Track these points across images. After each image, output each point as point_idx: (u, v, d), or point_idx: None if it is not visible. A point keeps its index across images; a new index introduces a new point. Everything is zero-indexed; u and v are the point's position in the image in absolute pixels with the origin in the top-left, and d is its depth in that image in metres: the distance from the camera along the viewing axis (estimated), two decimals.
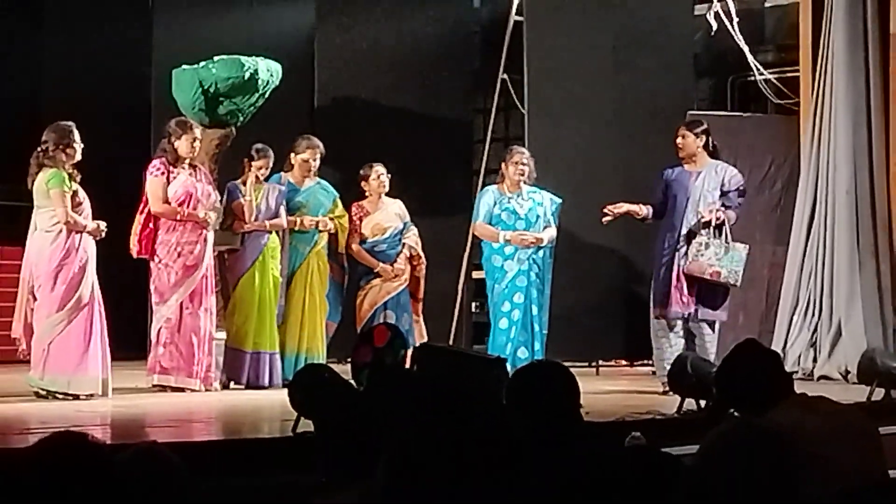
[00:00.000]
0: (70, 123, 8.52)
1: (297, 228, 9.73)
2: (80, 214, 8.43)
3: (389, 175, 10.12)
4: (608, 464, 3.06)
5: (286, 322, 9.71)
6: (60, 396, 8.24)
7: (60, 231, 8.35)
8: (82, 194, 8.51)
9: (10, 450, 5.50)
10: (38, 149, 8.44)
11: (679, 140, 9.51)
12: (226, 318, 9.39)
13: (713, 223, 9.33)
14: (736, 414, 4.31)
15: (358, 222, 10.08)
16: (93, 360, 8.33)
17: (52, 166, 8.37)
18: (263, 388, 9.29)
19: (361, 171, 10.12)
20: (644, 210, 9.51)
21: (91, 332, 8.35)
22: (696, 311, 9.35)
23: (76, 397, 8.23)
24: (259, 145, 9.60)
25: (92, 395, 8.27)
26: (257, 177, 9.55)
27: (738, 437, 2.69)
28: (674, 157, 9.61)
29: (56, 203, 8.33)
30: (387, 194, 10.19)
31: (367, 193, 10.15)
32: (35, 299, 8.38)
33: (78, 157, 8.47)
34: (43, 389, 8.29)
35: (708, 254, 9.31)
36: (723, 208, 9.43)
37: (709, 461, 2.68)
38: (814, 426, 3.81)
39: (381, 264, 10.05)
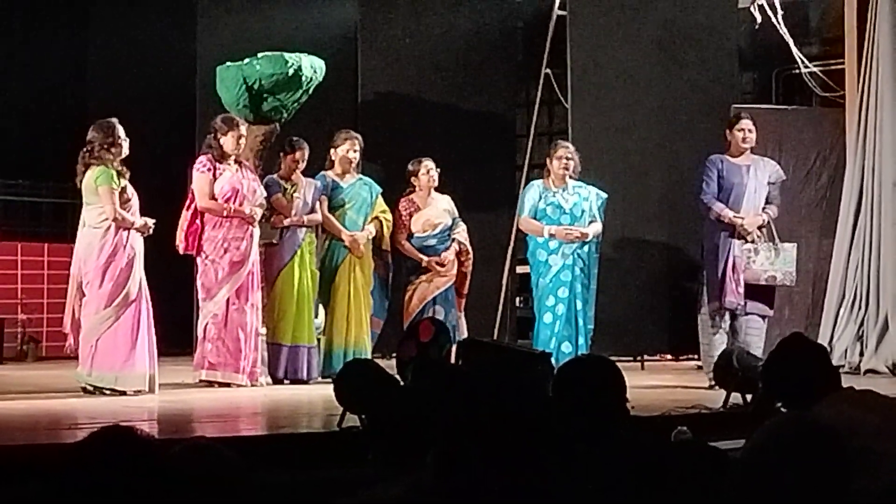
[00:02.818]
0: (113, 120, 8.55)
1: (348, 243, 9.74)
2: (128, 211, 8.47)
3: (426, 171, 10.10)
4: (655, 458, 3.06)
5: (332, 317, 9.73)
6: (108, 392, 8.28)
7: (109, 228, 8.39)
8: (130, 191, 8.54)
9: (60, 445, 5.55)
10: (84, 149, 8.48)
11: (748, 133, 9.48)
12: (265, 313, 9.41)
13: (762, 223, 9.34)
14: (783, 409, 4.29)
15: (407, 218, 10.05)
16: (140, 356, 8.37)
17: (99, 164, 8.41)
18: (302, 381, 9.33)
19: (410, 167, 10.09)
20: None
21: (138, 329, 8.39)
22: (746, 304, 9.32)
23: (123, 393, 8.27)
24: (293, 138, 9.64)
25: (139, 392, 8.31)
26: (294, 171, 9.59)
27: (791, 432, 2.67)
28: (717, 150, 9.58)
29: (104, 200, 8.38)
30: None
31: (416, 188, 10.12)
32: (83, 295, 8.44)
33: (125, 152, 8.49)
34: (90, 385, 8.34)
35: (759, 259, 9.29)
36: (765, 206, 9.42)
37: (759, 454, 2.67)
38: (862, 420, 3.78)
39: (428, 259, 10.02)
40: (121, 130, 8.49)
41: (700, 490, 2.95)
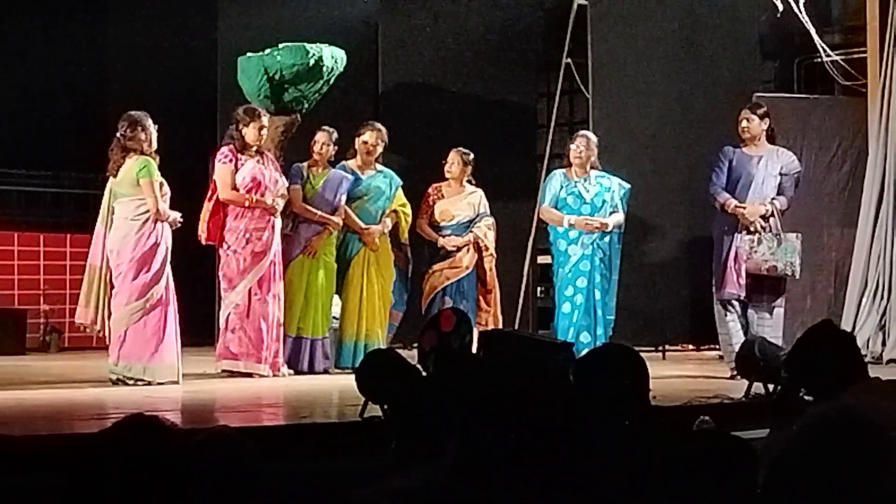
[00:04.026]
0: (143, 112, 8.55)
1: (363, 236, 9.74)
2: (165, 204, 8.47)
3: (453, 162, 10.07)
4: (679, 447, 3.05)
5: (345, 309, 9.72)
6: (131, 383, 8.28)
7: (146, 220, 8.38)
8: (166, 185, 8.54)
9: (83, 435, 5.55)
10: (119, 133, 8.46)
11: (744, 123, 9.45)
12: None
13: (766, 214, 9.29)
14: (807, 397, 4.27)
15: (431, 203, 10.09)
16: (168, 347, 8.38)
17: (136, 149, 8.39)
18: (302, 373, 9.30)
19: None
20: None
21: (167, 321, 8.40)
22: (751, 296, 9.27)
23: (149, 384, 8.27)
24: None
25: (165, 383, 8.31)
26: (318, 160, 9.57)
27: (838, 426, 2.64)
28: (736, 140, 9.55)
29: (147, 193, 8.36)
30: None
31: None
32: (112, 287, 8.42)
33: (154, 144, 8.49)
34: (117, 375, 8.33)
35: (761, 249, 9.21)
36: (773, 197, 9.36)
37: (804, 445, 2.64)
38: (887, 410, 3.77)
39: (441, 238, 10.02)
40: (150, 121, 8.47)
41: (722, 480, 2.94)
